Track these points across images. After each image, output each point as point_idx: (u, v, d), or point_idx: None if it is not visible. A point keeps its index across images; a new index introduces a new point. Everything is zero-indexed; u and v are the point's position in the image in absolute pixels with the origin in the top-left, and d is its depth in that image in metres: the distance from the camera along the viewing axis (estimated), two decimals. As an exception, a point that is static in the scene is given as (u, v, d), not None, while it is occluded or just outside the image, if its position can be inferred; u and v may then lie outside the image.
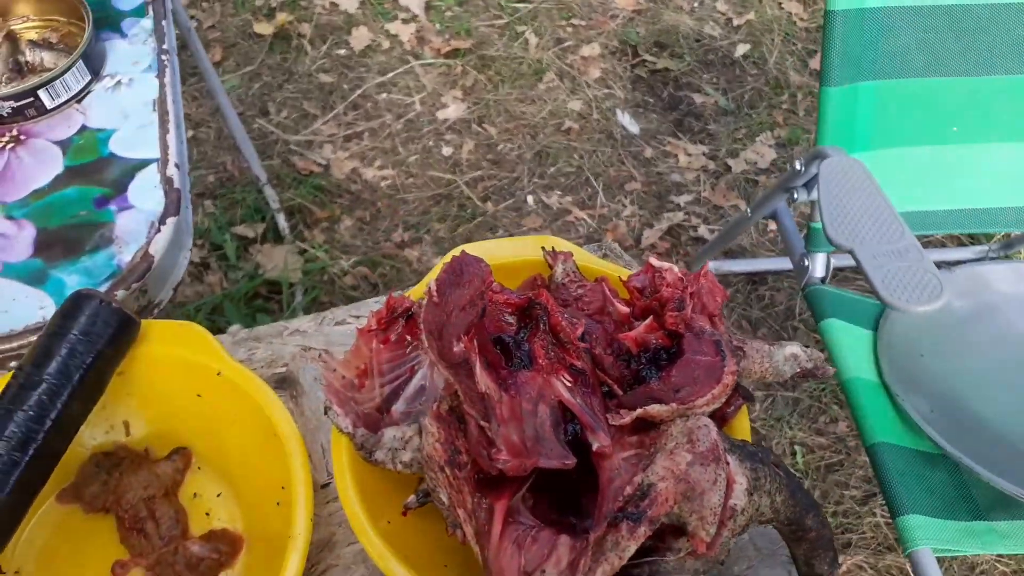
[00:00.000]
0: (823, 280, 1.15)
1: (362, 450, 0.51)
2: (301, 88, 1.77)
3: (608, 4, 1.97)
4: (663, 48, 1.92)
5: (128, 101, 0.70)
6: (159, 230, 0.63)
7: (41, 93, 0.67)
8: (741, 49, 1.93)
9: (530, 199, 1.67)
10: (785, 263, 1.58)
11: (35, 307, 0.59)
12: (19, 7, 0.74)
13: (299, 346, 0.63)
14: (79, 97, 0.70)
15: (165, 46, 0.74)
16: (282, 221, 1.57)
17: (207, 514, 0.54)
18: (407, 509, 0.52)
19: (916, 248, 0.90)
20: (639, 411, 0.48)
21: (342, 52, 1.83)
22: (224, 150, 1.67)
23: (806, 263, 1.15)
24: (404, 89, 1.79)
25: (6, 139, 0.67)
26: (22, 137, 0.68)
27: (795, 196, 1.14)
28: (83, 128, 0.69)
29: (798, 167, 1.10)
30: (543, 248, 0.60)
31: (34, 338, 0.57)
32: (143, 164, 0.67)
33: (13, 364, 0.59)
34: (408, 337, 0.54)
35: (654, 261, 0.58)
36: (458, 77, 1.81)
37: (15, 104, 0.67)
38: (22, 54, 0.72)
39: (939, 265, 1.61)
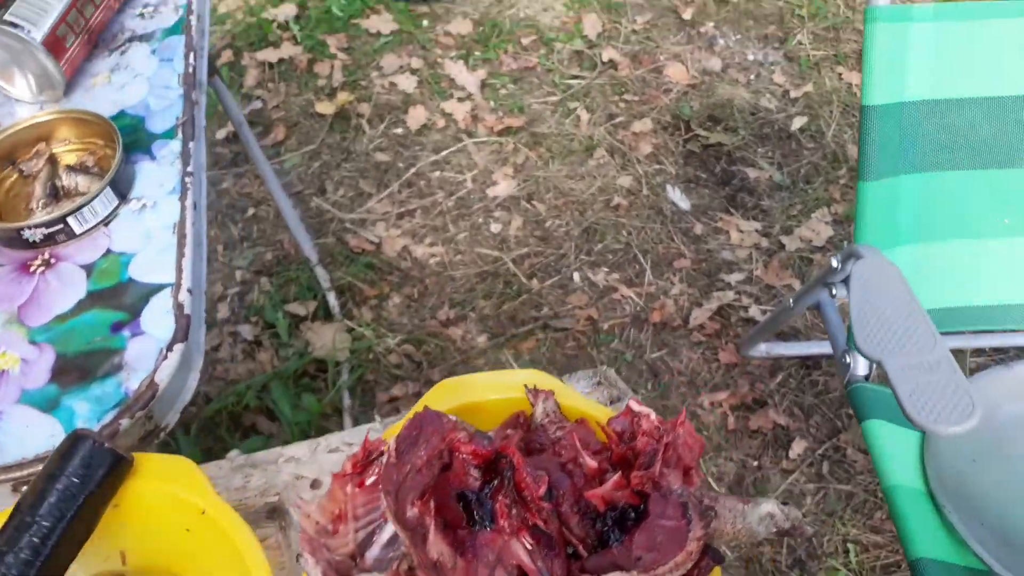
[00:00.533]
0: (866, 378, 1.10)
1: (329, 600, 0.51)
2: (358, 167, 1.83)
3: (662, 79, 1.98)
4: (717, 122, 1.91)
5: (151, 224, 0.74)
6: (166, 357, 0.66)
7: (70, 220, 0.72)
8: (798, 122, 1.90)
9: (576, 276, 1.68)
10: (838, 349, 1.53)
11: (47, 435, 0.62)
12: (61, 131, 0.80)
13: (292, 474, 0.65)
14: (106, 221, 0.74)
15: (190, 168, 0.78)
16: (332, 300, 1.62)
17: (187, 650, 0.55)
18: (375, 659, 0.52)
19: (948, 361, 0.86)
20: (599, 578, 0.47)
21: (399, 131, 1.88)
22: (282, 228, 1.73)
23: (847, 360, 1.11)
24: (457, 167, 1.83)
25: (38, 263, 0.72)
26: (52, 261, 0.72)
27: (834, 292, 1.11)
28: (108, 251, 0.73)
29: (835, 264, 1.07)
30: (525, 386, 0.60)
31: (41, 467, 0.60)
32: (158, 288, 0.70)
33: (25, 487, 0.62)
34: (383, 481, 0.55)
35: (634, 405, 0.57)
36: (509, 154, 1.84)
37: (46, 231, 0.71)
38: (59, 178, 0.77)
39: (1005, 351, 1.54)
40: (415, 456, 0.49)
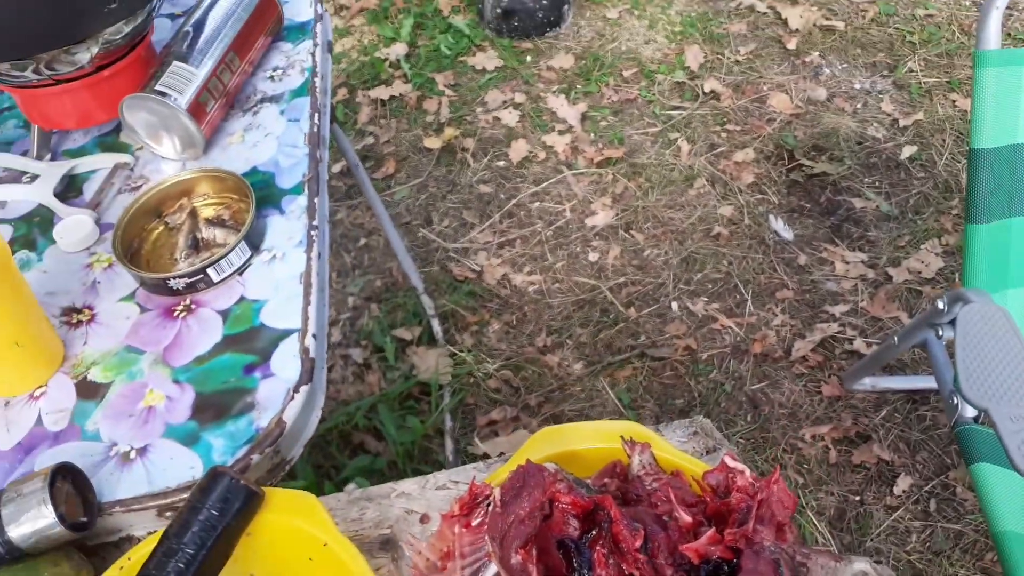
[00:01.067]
0: (975, 419, 1.08)
1: (438, 633, 0.56)
2: (462, 198, 1.90)
3: (765, 108, 1.97)
4: (821, 151, 1.88)
5: (280, 274, 0.81)
6: (293, 397, 0.73)
7: (210, 270, 0.80)
8: (907, 151, 1.85)
9: (674, 305, 1.69)
10: (947, 385, 1.49)
11: (187, 467, 0.69)
12: (201, 187, 0.88)
13: (403, 509, 0.70)
14: (241, 270, 0.82)
15: (315, 222, 0.85)
16: (436, 326, 1.69)
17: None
18: None
19: (1061, 414, 0.84)
20: (690, 630, 0.50)
21: (501, 164, 1.95)
22: (391, 257, 1.82)
23: (955, 401, 1.09)
24: (556, 197, 1.87)
25: (180, 308, 0.80)
26: (193, 307, 0.80)
27: (940, 333, 1.09)
28: (242, 299, 0.80)
29: (940, 306, 1.05)
30: (622, 437, 0.63)
31: (185, 495, 0.67)
32: (286, 334, 0.77)
33: (169, 514, 0.69)
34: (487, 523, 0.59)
35: (729, 461, 0.59)
36: (608, 185, 1.88)
37: (188, 280, 0.79)
38: (199, 231, 0.86)
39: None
40: (519, 507, 0.53)
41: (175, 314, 0.80)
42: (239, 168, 0.89)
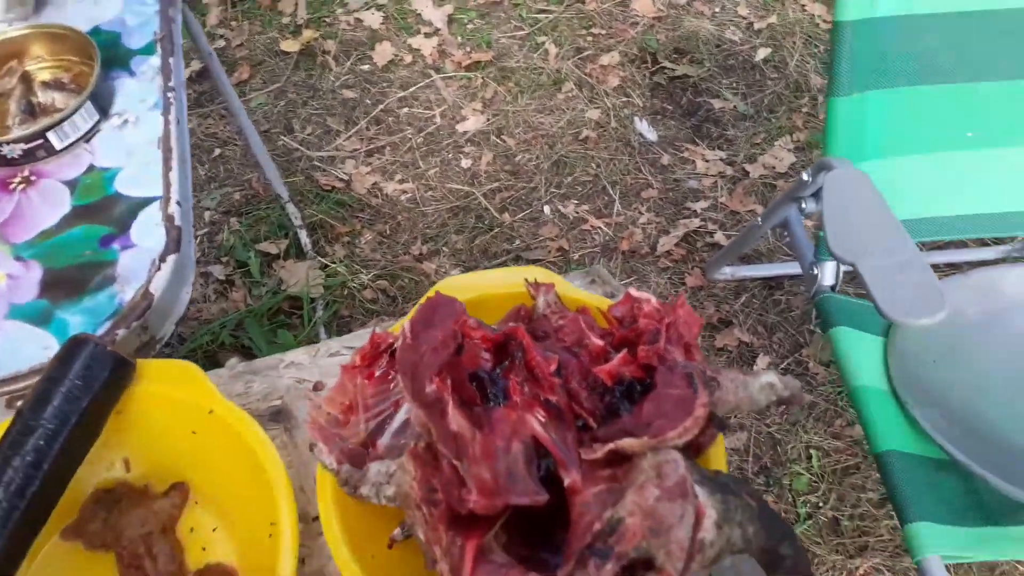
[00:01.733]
0: (833, 288, 1.14)
1: (346, 486, 0.52)
2: (325, 104, 1.80)
3: (629, 12, 1.97)
4: (682, 54, 1.91)
5: (134, 139, 0.73)
6: (159, 268, 0.66)
7: (50, 135, 0.70)
8: (762, 53, 1.91)
9: (547, 209, 1.69)
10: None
11: (40, 348, 0.62)
12: (34, 48, 0.77)
13: (294, 379, 0.65)
14: (87, 137, 0.73)
15: (171, 83, 0.77)
16: (304, 237, 1.61)
17: (203, 549, 0.56)
18: (392, 542, 0.54)
19: (919, 261, 0.89)
20: (611, 445, 0.49)
21: (365, 67, 1.86)
22: (249, 167, 1.70)
23: (815, 271, 1.14)
24: (425, 103, 1.81)
25: (17, 180, 0.71)
26: (32, 178, 0.71)
27: (803, 206, 1.13)
28: (91, 167, 0.72)
29: (805, 178, 1.09)
30: (526, 280, 0.61)
31: (38, 379, 0.60)
32: (146, 202, 0.69)
33: (20, 403, 0.62)
34: (392, 372, 0.56)
35: (633, 292, 0.58)
36: (478, 89, 1.83)
37: (25, 146, 0.70)
38: (35, 95, 0.75)
39: (958, 267, 1.59)
40: (430, 336, 0.50)
41: (12, 187, 0.70)
42: (79, 28, 0.78)
